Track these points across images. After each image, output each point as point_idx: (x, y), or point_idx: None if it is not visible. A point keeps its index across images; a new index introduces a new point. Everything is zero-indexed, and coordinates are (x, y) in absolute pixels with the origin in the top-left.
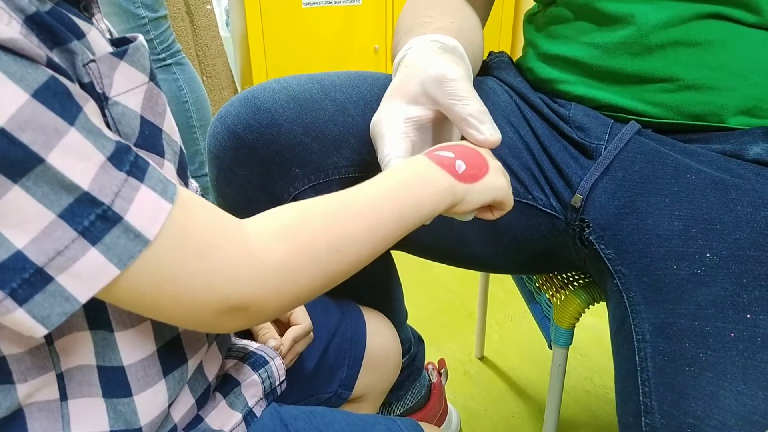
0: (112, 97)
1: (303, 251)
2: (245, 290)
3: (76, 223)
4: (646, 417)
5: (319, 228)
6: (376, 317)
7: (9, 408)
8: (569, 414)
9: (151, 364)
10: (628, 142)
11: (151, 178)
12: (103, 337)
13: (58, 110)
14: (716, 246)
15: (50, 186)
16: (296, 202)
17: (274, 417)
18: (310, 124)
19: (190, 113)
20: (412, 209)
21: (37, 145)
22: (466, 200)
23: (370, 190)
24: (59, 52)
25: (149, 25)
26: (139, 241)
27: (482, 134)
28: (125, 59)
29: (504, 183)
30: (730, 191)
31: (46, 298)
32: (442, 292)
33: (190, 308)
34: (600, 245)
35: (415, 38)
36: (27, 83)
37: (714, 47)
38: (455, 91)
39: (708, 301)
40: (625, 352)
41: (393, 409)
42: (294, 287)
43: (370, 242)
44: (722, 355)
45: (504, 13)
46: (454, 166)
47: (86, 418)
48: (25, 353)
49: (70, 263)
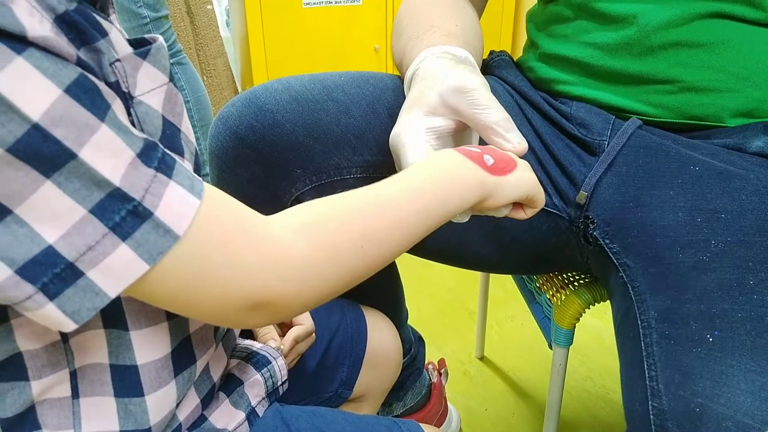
0: (136, 96)
1: (327, 247)
2: (269, 286)
3: (107, 219)
4: (653, 401)
5: (342, 224)
6: (377, 317)
7: (23, 405)
8: (569, 414)
9: (164, 365)
10: (630, 137)
11: (178, 174)
12: (117, 335)
13: (89, 106)
14: (721, 233)
15: (82, 181)
16: (320, 199)
17: (276, 416)
18: (312, 125)
19: (191, 113)
20: (439, 204)
21: (70, 140)
22: (498, 194)
23: (395, 186)
24: (86, 51)
25: (151, 25)
26: (169, 237)
27: (510, 142)
28: (148, 59)
29: (533, 178)
30: (734, 180)
31: (76, 292)
32: (442, 292)
33: (215, 303)
34: (605, 240)
35: (426, 50)
36: (59, 79)
37: (716, 48)
38: (477, 100)
39: (714, 286)
40: (630, 341)
41: (393, 408)
42: (318, 283)
43: (395, 239)
44: (730, 335)
45: (504, 12)
46: (483, 158)
47: (97, 416)
48: (41, 350)
49: (101, 258)
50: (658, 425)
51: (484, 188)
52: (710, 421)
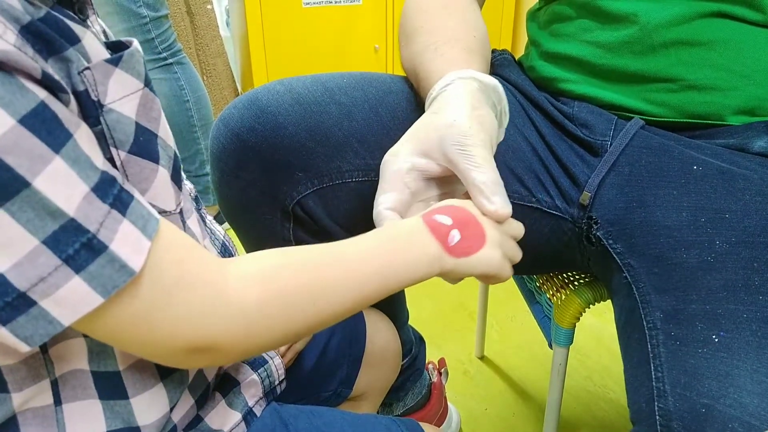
0: (106, 104)
1: (279, 299)
2: (211, 331)
3: (59, 251)
4: (659, 401)
5: (299, 278)
6: (376, 315)
7: (3, 416)
8: (569, 414)
9: (145, 367)
10: (633, 137)
11: (133, 212)
12: (98, 343)
13: (45, 137)
14: (726, 234)
15: (35, 212)
16: (280, 249)
17: (274, 416)
18: (314, 128)
19: (191, 112)
20: (396, 272)
21: (23, 168)
22: (454, 272)
23: (357, 248)
24: (54, 62)
25: (150, 24)
26: (124, 272)
27: (493, 205)
28: (120, 66)
29: (497, 259)
30: (738, 181)
31: (29, 320)
32: (442, 292)
33: (158, 344)
34: (608, 241)
35: (451, 74)
36: (14, 108)
37: (717, 47)
38: (473, 158)
39: (719, 286)
40: (635, 343)
41: (393, 409)
42: (265, 333)
43: (349, 299)
44: (735, 336)
45: (504, 12)
46: (448, 236)
47: (82, 420)
48: (20, 363)
49: (53, 290)
50: (663, 426)
51: (442, 267)
52: (716, 422)
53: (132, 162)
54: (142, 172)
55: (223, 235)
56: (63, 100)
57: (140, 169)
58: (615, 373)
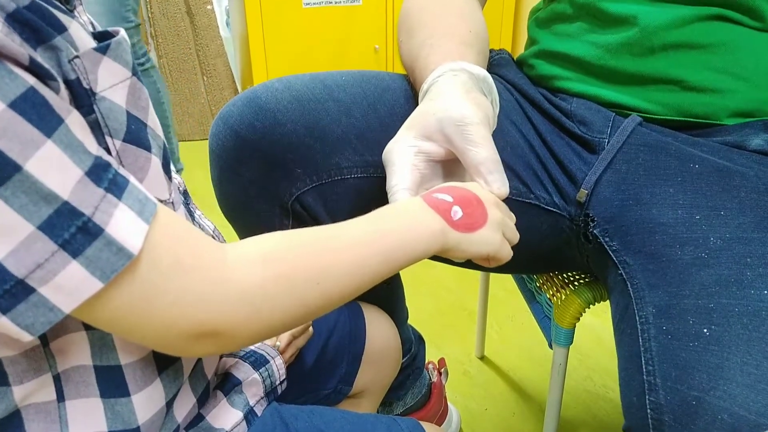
0: (98, 92)
1: (282, 279)
2: (212, 314)
3: (55, 236)
4: (650, 395)
5: (301, 257)
6: (376, 313)
7: (6, 410)
8: (569, 414)
9: (147, 362)
10: (630, 134)
11: (129, 196)
12: (100, 337)
13: (36, 122)
14: (720, 230)
15: (29, 196)
16: (282, 231)
17: (274, 416)
18: (313, 125)
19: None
20: (400, 250)
21: (14, 152)
22: (460, 249)
23: (359, 227)
24: (43, 50)
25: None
26: (122, 255)
27: (490, 185)
28: (108, 54)
29: (497, 240)
30: (734, 178)
31: (29, 308)
32: (442, 292)
33: (159, 330)
34: (605, 238)
35: (443, 65)
36: (3, 93)
37: (716, 50)
38: (471, 136)
39: (712, 281)
40: (628, 337)
41: (394, 408)
42: (269, 315)
43: (353, 278)
44: (726, 329)
45: (504, 11)
46: (450, 212)
47: (84, 418)
48: (20, 355)
49: (51, 276)
50: (655, 419)
51: (445, 242)
52: (706, 414)
53: (128, 151)
54: (137, 161)
55: (212, 230)
56: (53, 87)
57: (135, 158)
58: (615, 373)
